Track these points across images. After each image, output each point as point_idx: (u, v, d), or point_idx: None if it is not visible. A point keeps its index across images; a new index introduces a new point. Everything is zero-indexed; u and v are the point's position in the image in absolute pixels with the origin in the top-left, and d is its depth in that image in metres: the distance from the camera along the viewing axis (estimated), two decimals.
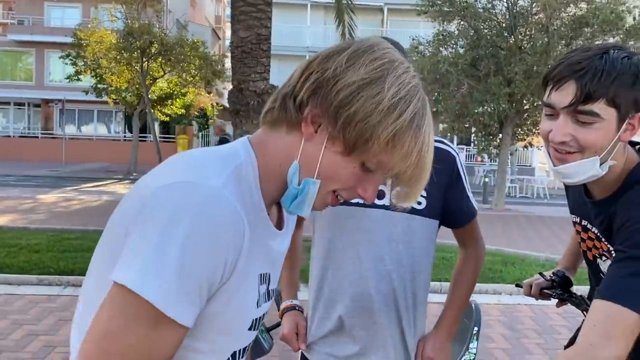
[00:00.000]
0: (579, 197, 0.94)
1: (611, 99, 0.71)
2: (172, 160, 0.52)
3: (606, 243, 0.87)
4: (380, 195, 0.99)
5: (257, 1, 4.13)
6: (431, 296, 1.21)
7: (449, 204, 1.06)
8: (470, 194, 1.09)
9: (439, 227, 1.09)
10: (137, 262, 0.41)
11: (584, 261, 1.08)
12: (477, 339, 1.29)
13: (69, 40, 15.25)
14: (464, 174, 1.08)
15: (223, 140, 7.21)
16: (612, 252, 0.83)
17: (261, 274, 0.53)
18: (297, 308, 1.16)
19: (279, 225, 0.59)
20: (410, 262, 1.03)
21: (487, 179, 11.42)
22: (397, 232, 1.01)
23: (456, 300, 1.12)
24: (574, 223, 0.99)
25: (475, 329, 1.29)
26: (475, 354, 1.23)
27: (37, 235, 5.51)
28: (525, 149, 13.53)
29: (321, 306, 1.08)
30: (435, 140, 0.76)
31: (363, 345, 1.04)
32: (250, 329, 0.55)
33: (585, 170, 0.77)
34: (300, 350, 1.14)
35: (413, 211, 0.98)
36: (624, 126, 0.75)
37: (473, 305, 1.31)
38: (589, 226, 0.92)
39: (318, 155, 0.48)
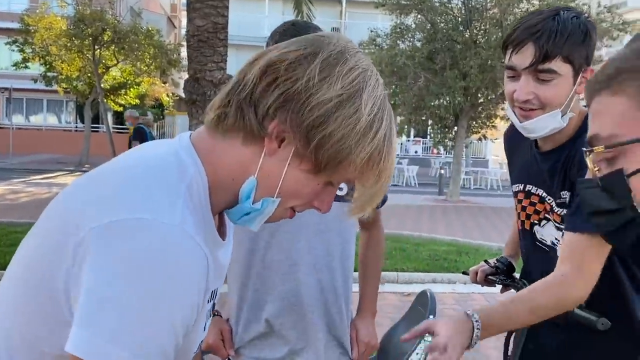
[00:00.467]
0: (526, 159, 1.04)
1: (566, 56, 0.84)
2: (108, 175, 0.46)
3: (550, 201, 0.95)
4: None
5: None
6: (389, 286, 1.14)
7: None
8: None
9: None
10: (99, 325, 0.37)
11: None
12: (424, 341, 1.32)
13: (15, 25, 15.01)
14: None
15: (139, 130, 7.02)
16: (555, 209, 0.94)
17: (212, 291, 0.51)
18: (216, 314, 1.09)
19: (223, 234, 0.55)
20: (340, 250, 1.06)
21: (442, 171, 11.74)
22: (328, 220, 0.99)
23: (370, 281, 1.19)
24: (516, 193, 1.08)
25: (431, 317, 1.29)
26: (430, 341, 1.21)
27: None
28: (479, 141, 13.84)
29: (246, 308, 1.07)
30: None
31: (293, 345, 1.05)
32: (195, 351, 0.54)
33: (548, 123, 0.88)
34: (227, 358, 1.13)
35: (339, 198, 0.84)
36: (578, 80, 0.87)
37: (428, 293, 1.32)
38: (533, 190, 1.01)
39: (280, 173, 0.46)
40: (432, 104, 10.06)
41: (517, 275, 1.23)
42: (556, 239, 1.02)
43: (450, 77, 9.36)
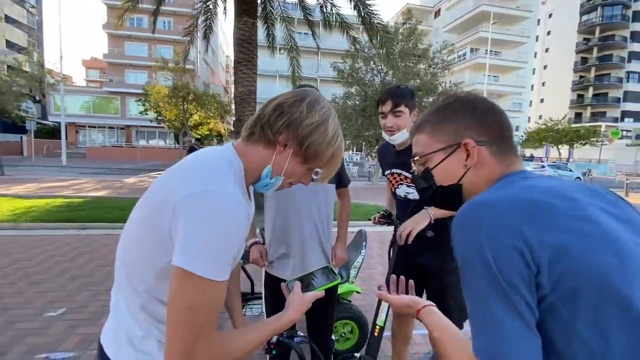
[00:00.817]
0: (391, 157, 1.71)
1: (405, 104, 1.54)
2: (188, 165, 0.70)
3: (406, 174, 1.63)
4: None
5: (248, 72, 6.11)
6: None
7: (340, 177, 1.68)
8: (346, 174, 1.72)
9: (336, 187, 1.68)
10: (193, 251, 0.60)
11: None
12: (365, 247, 2.40)
13: (140, 91, 23.06)
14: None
15: (192, 147, 10.31)
16: (407, 176, 1.62)
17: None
18: (258, 242, 1.63)
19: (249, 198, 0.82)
20: (325, 207, 1.57)
21: (371, 169, 18.01)
22: (317, 192, 1.53)
23: (342, 226, 1.75)
24: (387, 175, 1.76)
25: (364, 243, 2.39)
26: (364, 255, 2.24)
27: (122, 202, 7.36)
28: None
29: (275, 240, 1.55)
30: None
31: (298, 261, 1.53)
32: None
33: (402, 137, 1.54)
34: (264, 268, 1.62)
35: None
36: (411, 116, 1.57)
37: (363, 231, 2.42)
38: (396, 171, 1.68)
39: (284, 163, 0.76)
40: (365, 134, 15.51)
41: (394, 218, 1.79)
42: (406, 193, 1.67)
43: (373, 120, 14.94)
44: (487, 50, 30.39)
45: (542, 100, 49.81)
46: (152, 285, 0.70)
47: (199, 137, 23.32)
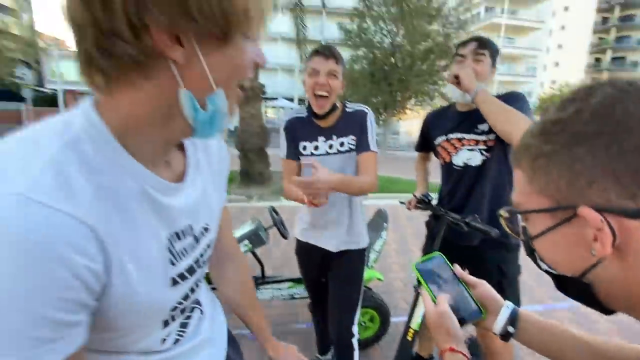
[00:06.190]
0: (449, 120, 1.52)
1: (490, 52, 1.41)
2: None
3: (469, 137, 1.43)
4: (331, 146, 1.40)
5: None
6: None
7: (358, 142, 1.41)
8: (369, 137, 1.40)
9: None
10: None
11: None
12: (386, 229, 2.20)
13: None
14: (371, 124, 1.40)
15: None
16: (470, 138, 1.42)
17: (174, 233, 0.48)
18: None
19: (181, 176, 0.50)
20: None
21: (377, 137, 18.08)
22: (347, 164, 1.41)
23: (354, 179, 1.34)
24: (439, 143, 1.55)
25: (385, 224, 2.19)
26: (385, 238, 2.05)
27: None
28: (397, 121, 19.04)
29: (311, 213, 1.51)
30: (360, 106, 1.42)
31: (329, 232, 1.51)
32: (173, 285, 0.48)
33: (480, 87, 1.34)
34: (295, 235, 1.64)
35: (351, 150, 1.40)
36: (491, 70, 1.42)
37: (383, 210, 2.19)
38: (455, 136, 1.48)
39: (202, 66, 0.38)
40: (373, 100, 14.90)
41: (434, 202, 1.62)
42: (467, 159, 1.45)
43: (382, 85, 14.79)
44: (503, 9, 28.50)
45: (557, 64, 47.67)
46: None
47: None
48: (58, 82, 19.03)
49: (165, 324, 0.52)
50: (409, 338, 1.42)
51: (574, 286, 0.43)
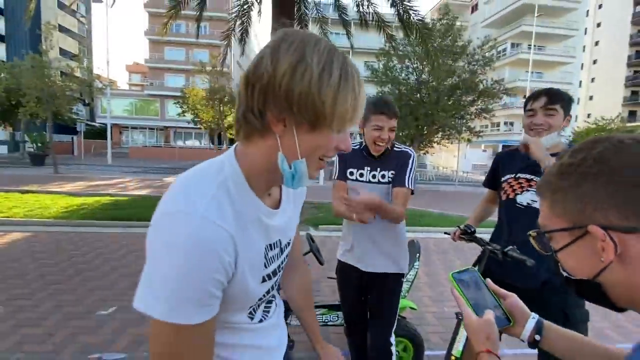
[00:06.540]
0: (520, 161, 1.52)
1: (561, 104, 1.41)
2: (179, 178, 0.60)
3: (535, 179, 1.46)
4: (374, 176, 1.61)
5: None
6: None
7: (395, 177, 1.61)
8: (407, 176, 1.59)
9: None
10: (148, 290, 0.52)
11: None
12: (419, 260, 2.30)
13: (178, 94, 24.39)
14: (412, 165, 1.61)
15: None
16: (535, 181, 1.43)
17: (269, 244, 0.67)
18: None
19: (278, 204, 0.71)
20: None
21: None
22: (386, 194, 1.60)
23: (389, 206, 1.49)
24: (507, 180, 1.57)
25: (417, 254, 2.27)
26: (417, 268, 2.13)
27: None
28: (424, 154, 19.23)
29: (350, 237, 1.70)
30: (407, 147, 1.60)
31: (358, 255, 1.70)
32: (263, 282, 0.67)
33: (550, 140, 1.37)
34: (337, 256, 1.82)
35: (390, 182, 1.60)
36: (564, 120, 1.43)
37: (416, 241, 2.24)
38: (524, 176, 1.51)
39: (295, 142, 0.56)
40: (400, 134, 15.08)
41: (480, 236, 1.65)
42: (531, 201, 1.47)
43: (409, 120, 14.81)
44: (529, 45, 28.68)
45: (590, 98, 46.35)
46: None
47: (233, 137, 24.19)
48: (107, 117, 20.83)
49: (252, 308, 0.71)
50: None
51: (589, 288, 0.54)
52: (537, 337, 0.71)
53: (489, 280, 0.77)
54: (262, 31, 23.04)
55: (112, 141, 22.37)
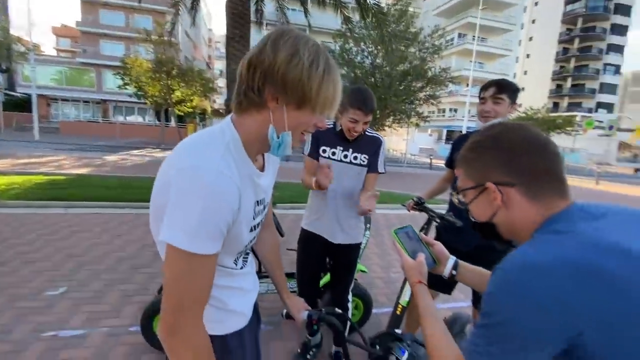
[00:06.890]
0: None
1: (508, 95, 1.59)
2: (185, 142, 0.71)
3: None
4: (346, 156, 1.77)
5: (241, 49, 5.70)
6: None
7: (370, 162, 1.82)
8: (380, 162, 1.81)
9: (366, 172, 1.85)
10: (174, 224, 0.64)
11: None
12: (369, 229, 2.55)
13: (117, 63, 21.71)
14: (382, 150, 1.82)
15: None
16: None
17: (257, 201, 0.80)
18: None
19: (262, 168, 0.84)
20: (357, 185, 1.82)
21: None
22: (356, 174, 1.80)
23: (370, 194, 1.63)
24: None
25: (368, 225, 2.54)
26: (368, 237, 2.35)
27: (108, 180, 7.30)
28: None
29: (315, 207, 1.91)
30: (378, 134, 1.76)
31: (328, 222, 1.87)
32: (250, 231, 0.80)
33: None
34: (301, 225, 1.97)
35: (362, 165, 1.77)
36: (510, 107, 1.64)
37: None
38: None
39: (284, 117, 0.69)
40: None
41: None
42: None
43: None
44: (474, 36, 30.50)
45: (523, 89, 50.96)
46: None
47: (182, 114, 22.69)
48: (32, 87, 18.39)
49: (239, 254, 0.85)
50: (398, 313, 1.70)
51: (487, 228, 0.77)
52: (454, 272, 0.97)
53: (421, 233, 0.99)
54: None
55: (38, 114, 19.89)
